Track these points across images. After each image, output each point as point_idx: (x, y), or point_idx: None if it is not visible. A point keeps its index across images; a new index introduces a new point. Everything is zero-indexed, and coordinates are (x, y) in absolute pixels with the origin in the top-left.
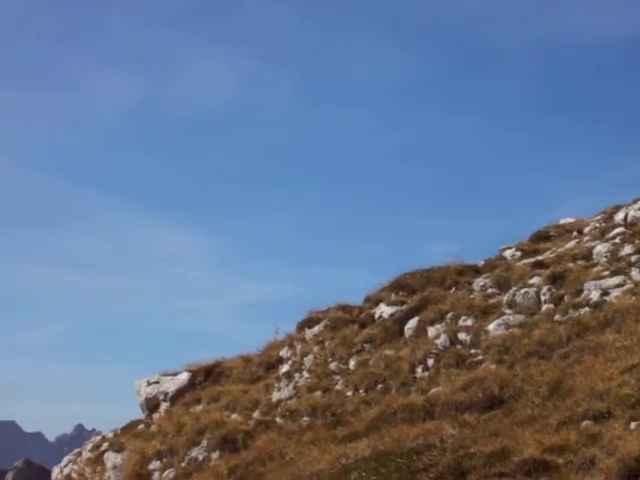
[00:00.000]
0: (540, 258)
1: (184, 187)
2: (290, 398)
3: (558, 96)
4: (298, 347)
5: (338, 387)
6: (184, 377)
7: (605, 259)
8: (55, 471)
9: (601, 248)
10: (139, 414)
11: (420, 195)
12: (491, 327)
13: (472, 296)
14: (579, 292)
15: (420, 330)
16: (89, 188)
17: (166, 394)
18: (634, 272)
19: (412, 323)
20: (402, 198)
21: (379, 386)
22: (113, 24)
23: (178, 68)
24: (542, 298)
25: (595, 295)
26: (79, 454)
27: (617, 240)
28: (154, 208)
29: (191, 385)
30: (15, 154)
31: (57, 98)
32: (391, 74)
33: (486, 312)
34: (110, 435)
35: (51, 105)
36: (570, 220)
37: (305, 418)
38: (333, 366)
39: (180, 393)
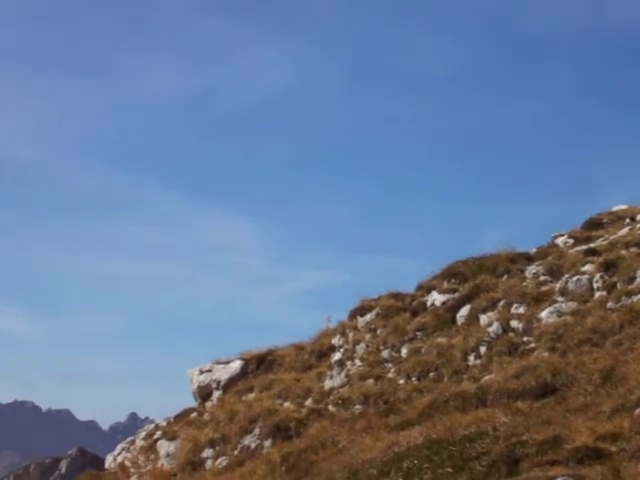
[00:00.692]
0: (593, 245)
1: (240, 176)
2: (342, 386)
3: (609, 82)
4: (350, 335)
5: (390, 375)
6: (237, 365)
7: None
8: (108, 459)
9: None
10: (192, 402)
11: (471, 183)
12: (543, 315)
13: (524, 284)
14: (632, 279)
15: (472, 318)
16: (146, 177)
17: (219, 382)
18: None
19: (464, 311)
20: (453, 187)
21: (431, 374)
22: (166, 12)
23: (231, 56)
24: (595, 285)
25: None
26: (132, 442)
27: None
28: (210, 197)
29: (243, 373)
30: (71, 142)
31: (112, 86)
32: (441, 63)
33: (538, 300)
34: (163, 423)
35: (106, 93)
36: (623, 207)
37: (357, 406)
38: (385, 354)
39: (233, 381)
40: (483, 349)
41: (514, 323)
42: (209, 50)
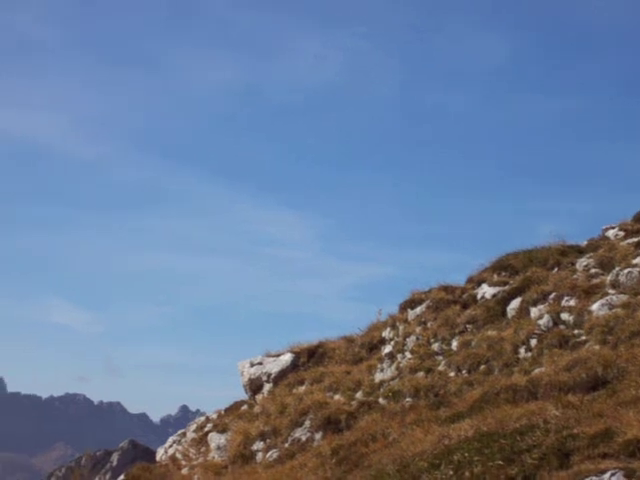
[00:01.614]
0: None
1: (288, 169)
2: (393, 379)
3: None
4: (400, 328)
5: (441, 368)
6: (287, 358)
7: None
8: (160, 452)
9: None
10: (242, 395)
11: (521, 177)
12: (594, 307)
13: (575, 276)
14: None
15: (523, 311)
16: (195, 170)
17: (269, 375)
18: None
19: (515, 304)
20: (503, 180)
21: (482, 367)
22: (214, 6)
23: (280, 49)
24: None
25: None
26: (183, 435)
27: None
28: (259, 190)
29: (294, 366)
30: (122, 136)
31: (161, 80)
32: (488, 57)
33: (589, 292)
34: (214, 416)
35: (158, 88)
36: None
37: (408, 399)
38: (435, 347)
39: (283, 374)
40: (534, 342)
41: (565, 316)
42: (257, 44)
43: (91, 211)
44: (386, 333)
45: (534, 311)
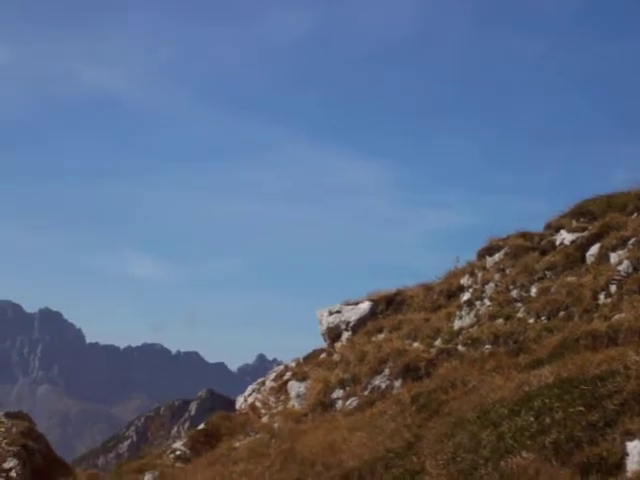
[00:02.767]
0: None
1: (366, 117)
2: (472, 326)
3: None
4: (479, 275)
5: (520, 314)
6: (365, 306)
7: None
8: (239, 400)
9: None
10: (320, 344)
11: (599, 123)
12: None
13: None
14: None
15: (602, 256)
16: (271, 122)
17: (348, 323)
18: None
19: (594, 249)
20: (581, 126)
21: (561, 313)
22: None
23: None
24: None
25: None
26: (262, 383)
27: None
28: (337, 139)
29: (372, 314)
30: (194, 88)
31: (233, 32)
32: (563, 1)
33: None
34: (293, 364)
35: (227, 39)
36: None
37: (487, 346)
38: (514, 293)
39: (362, 322)
40: (613, 288)
41: None
42: None
43: (170, 162)
44: (464, 280)
45: (613, 257)
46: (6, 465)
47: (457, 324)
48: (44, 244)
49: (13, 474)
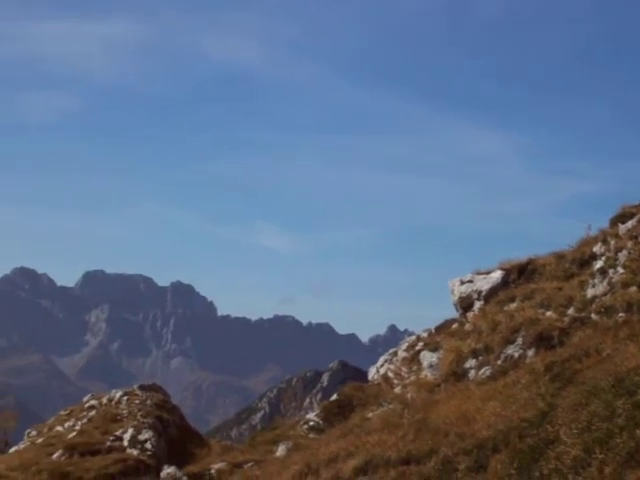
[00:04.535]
0: None
1: (498, 88)
2: (605, 294)
3: None
4: (612, 243)
5: None
6: (497, 275)
7: None
8: (371, 371)
9: None
10: (451, 314)
11: None
12: None
13: None
14: None
15: None
16: (403, 91)
17: (480, 293)
18: None
19: None
20: None
21: None
22: None
23: None
24: None
25: None
26: (395, 354)
27: None
28: (468, 109)
29: (504, 283)
30: (332, 61)
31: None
32: None
33: None
34: (424, 335)
35: (361, 13)
36: None
37: (621, 314)
38: None
39: (494, 291)
40: None
41: None
42: None
43: (301, 134)
44: (597, 248)
45: None
46: (141, 437)
47: (590, 292)
48: (174, 217)
49: (148, 445)
